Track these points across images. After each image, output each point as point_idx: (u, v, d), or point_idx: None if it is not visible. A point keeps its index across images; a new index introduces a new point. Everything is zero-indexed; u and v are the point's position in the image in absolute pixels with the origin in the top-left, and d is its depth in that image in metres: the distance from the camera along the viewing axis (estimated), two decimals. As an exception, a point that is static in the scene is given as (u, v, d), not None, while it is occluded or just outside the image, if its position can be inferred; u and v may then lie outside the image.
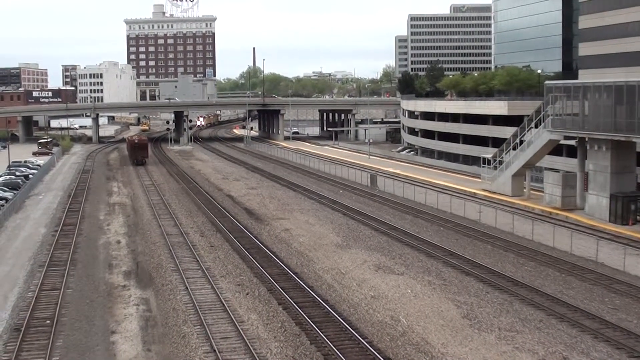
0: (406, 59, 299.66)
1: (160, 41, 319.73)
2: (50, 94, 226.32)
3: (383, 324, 31.17)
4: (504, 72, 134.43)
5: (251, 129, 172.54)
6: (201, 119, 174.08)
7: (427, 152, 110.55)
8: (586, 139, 55.18)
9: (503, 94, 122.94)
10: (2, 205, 60.60)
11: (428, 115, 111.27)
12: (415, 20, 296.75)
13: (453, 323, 30.95)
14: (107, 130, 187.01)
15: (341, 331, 29.98)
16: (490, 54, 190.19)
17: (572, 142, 58.75)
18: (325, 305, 33.37)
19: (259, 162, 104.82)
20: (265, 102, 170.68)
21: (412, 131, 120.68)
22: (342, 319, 31.37)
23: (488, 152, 74.65)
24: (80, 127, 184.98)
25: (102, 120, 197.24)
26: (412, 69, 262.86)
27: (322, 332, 29.52)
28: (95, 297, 35.77)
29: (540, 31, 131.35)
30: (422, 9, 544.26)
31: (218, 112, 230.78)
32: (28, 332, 30.50)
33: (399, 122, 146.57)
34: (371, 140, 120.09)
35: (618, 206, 50.90)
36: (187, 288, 36.67)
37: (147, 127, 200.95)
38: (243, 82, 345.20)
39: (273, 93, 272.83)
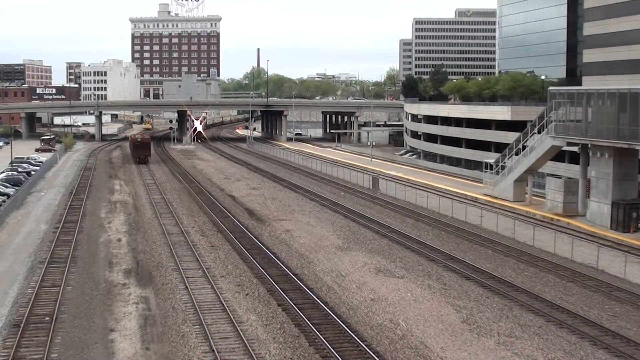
0: (410, 63, 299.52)
1: (165, 40, 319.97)
2: (54, 90, 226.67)
3: (382, 327, 31.14)
4: (507, 77, 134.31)
5: (254, 129, 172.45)
6: (197, 121, 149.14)
7: (430, 156, 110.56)
8: (589, 146, 55.12)
9: (506, 99, 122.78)
10: (4, 201, 60.66)
11: (431, 119, 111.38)
12: (420, 24, 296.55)
13: (452, 327, 30.91)
14: (110, 128, 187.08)
15: (340, 333, 29.96)
16: (494, 59, 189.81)
17: (575, 149, 58.71)
18: (325, 307, 33.34)
19: (261, 163, 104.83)
20: (269, 103, 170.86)
21: (415, 135, 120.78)
22: (341, 321, 31.33)
23: (490, 157, 74.65)
24: (83, 124, 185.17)
25: (105, 118, 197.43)
26: (416, 72, 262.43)
27: (321, 334, 29.50)
28: (95, 295, 35.77)
29: (545, 37, 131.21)
30: (427, 13, 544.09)
31: (204, 114, 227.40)
32: (27, 328, 30.51)
33: (402, 126, 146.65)
34: (374, 143, 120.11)
35: (620, 213, 50.84)
36: (187, 287, 36.66)
37: (150, 126, 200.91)
38: (247, 82, 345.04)
39: (276, 94, 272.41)
